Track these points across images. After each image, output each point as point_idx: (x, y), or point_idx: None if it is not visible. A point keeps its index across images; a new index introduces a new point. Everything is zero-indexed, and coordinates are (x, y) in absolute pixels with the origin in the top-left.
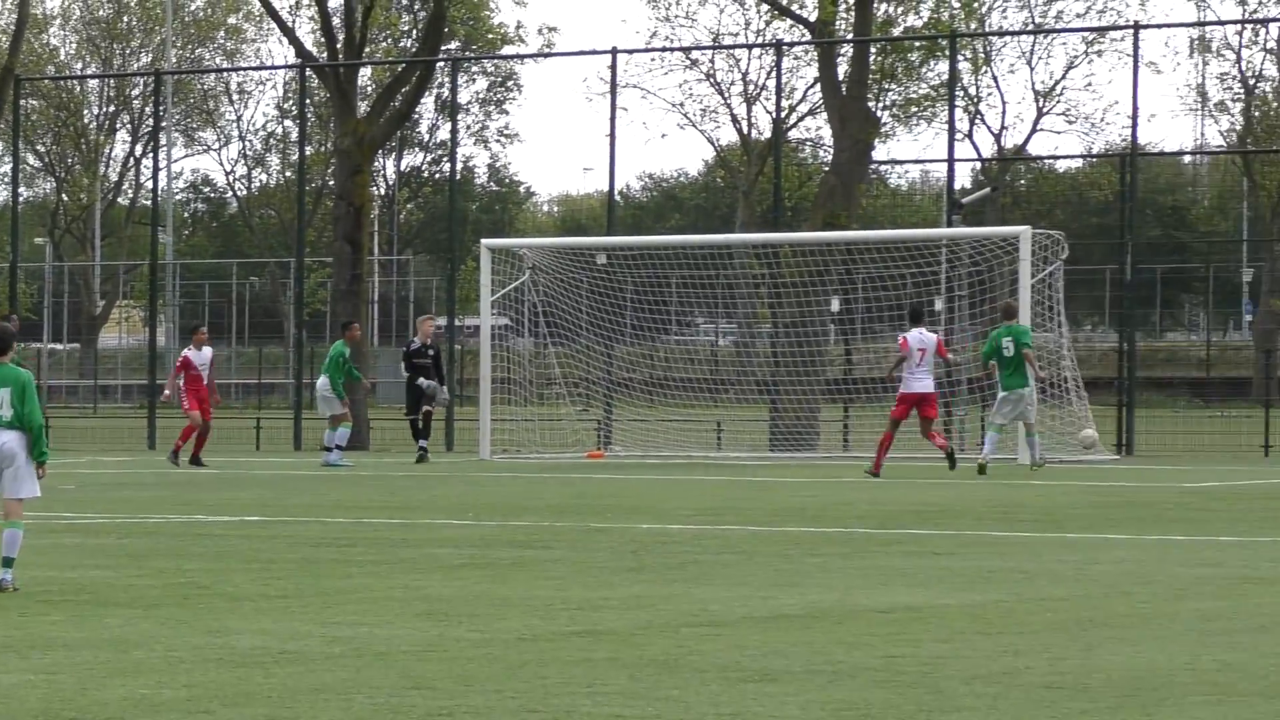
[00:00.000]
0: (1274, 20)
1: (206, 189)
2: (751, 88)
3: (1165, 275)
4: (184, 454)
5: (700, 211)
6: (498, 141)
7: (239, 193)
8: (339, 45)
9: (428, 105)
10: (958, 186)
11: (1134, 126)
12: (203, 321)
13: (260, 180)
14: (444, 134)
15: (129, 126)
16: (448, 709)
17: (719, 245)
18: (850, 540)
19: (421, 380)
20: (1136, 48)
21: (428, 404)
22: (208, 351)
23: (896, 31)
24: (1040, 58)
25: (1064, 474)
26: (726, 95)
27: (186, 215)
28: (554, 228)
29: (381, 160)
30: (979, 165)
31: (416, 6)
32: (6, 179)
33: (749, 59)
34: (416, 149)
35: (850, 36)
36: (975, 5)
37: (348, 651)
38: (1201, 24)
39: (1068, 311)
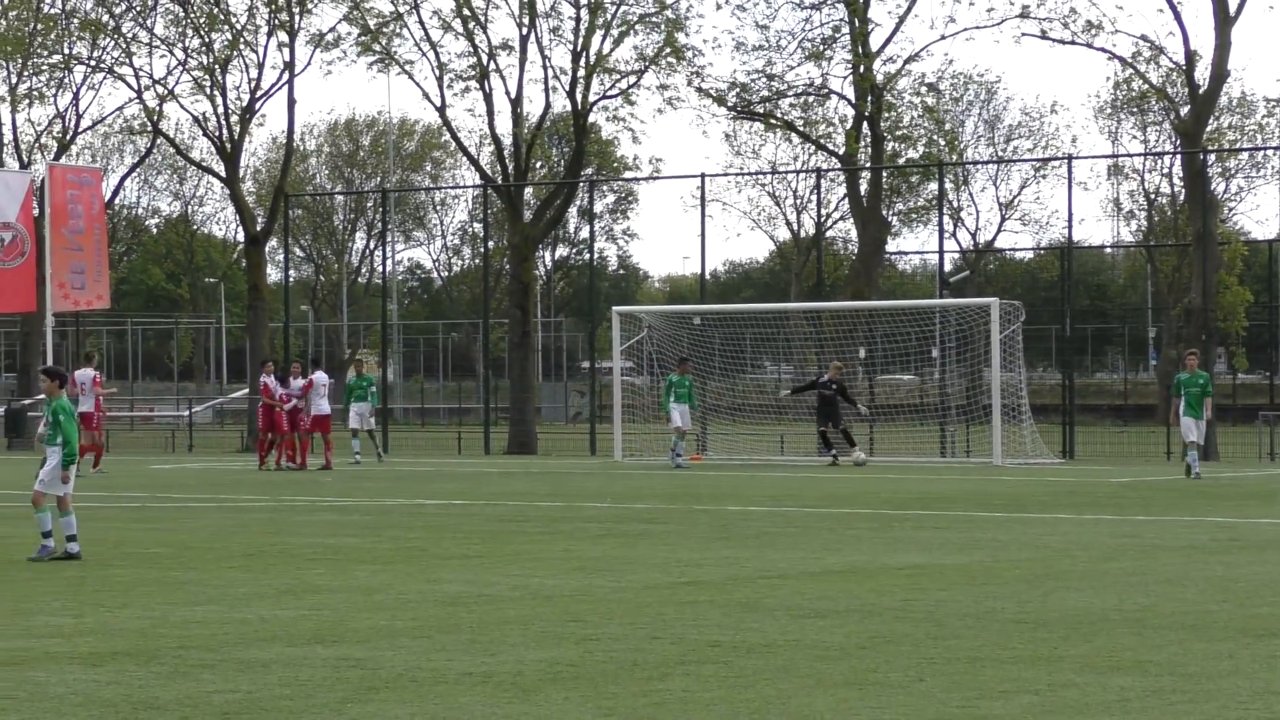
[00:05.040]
0: (1167, 153)
1: (419, 271)
2: (799, 201)
3: (1094, 332)
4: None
5: (765, 287)
6: (623, 238)
7: (442, 274)
8: (510, 170)
9: (572, 213)
10: (946, 270)
11: (1069, 228)
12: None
13: (457, 265)
14: (584, 233)
15: (365, 228)
16: (595, 635)
17: (779, 311)
18: (876, 518)
19: (796, 391)
20: (1070, 172)
21: (826, 424)
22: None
23: (901, 161)
24: (1002, 179)
25: (1024, 472)
26: (782, 206)
27: (405, 290)
28: (663, 299)
29: (541, 251)
30: (960, 255)
31: (564, 145)
32: (281, 265)
33: (797, 180)
34: (565, 243)
35: (868, 165)
36: (956, 142)
37: (524, 595)
38: (1115, 156)
39: (1025, 358)
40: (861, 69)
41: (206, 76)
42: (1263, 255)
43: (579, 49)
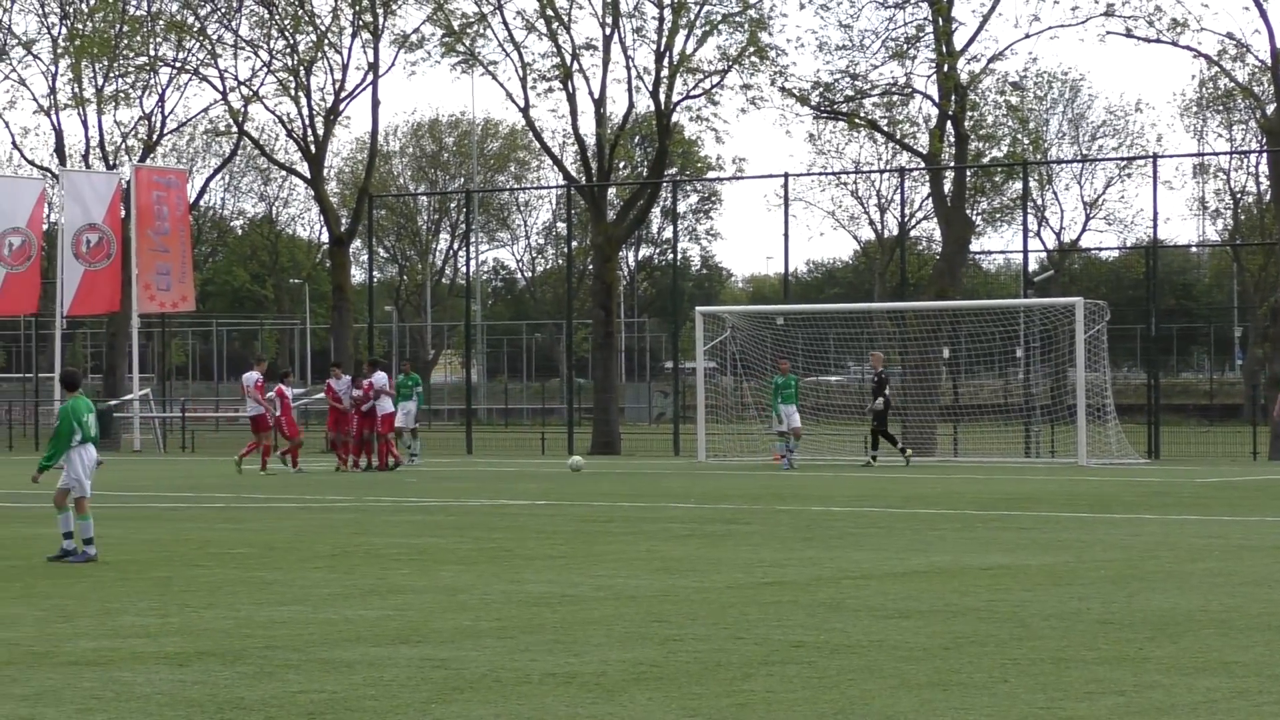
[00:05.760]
0: (1253, 151)
1: (503, 271)
2: (883, 200)
3: (1179, 331)
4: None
5: (849, 286)
6: (705, 238)
7: (526, 274)
8: (593, 170)
9: (656, 213)
10: (1030, 269)
11: (1154, 227)
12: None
13: (540, 265)
14: (668, 233)
15: (449, 229)
16: (679, 635)
17: (862, 310)
18: (960, 518)
19: (876, 402)
20: (1155, 172)
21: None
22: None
23: (985, 160)
24: (1087, 178)
25: (1109, 473)
26: (865, 205)
27: (489, 290)
28: (746, 299)
29: (625, 251)
30: (1045, 254)
31: (647, 145)
32: (365, 265)
33: (880, 180)
34: (649, 243)
35: (952, 164)
36: (1040, 141)
37: (608, 595)
38: (1201, 154)
39: (1110, 358)
40: (945, 68)
41: (291, 78)
42: None
43: (662, 49)
